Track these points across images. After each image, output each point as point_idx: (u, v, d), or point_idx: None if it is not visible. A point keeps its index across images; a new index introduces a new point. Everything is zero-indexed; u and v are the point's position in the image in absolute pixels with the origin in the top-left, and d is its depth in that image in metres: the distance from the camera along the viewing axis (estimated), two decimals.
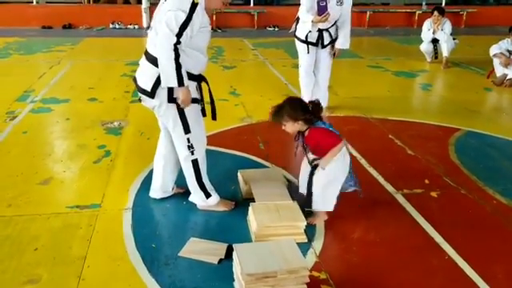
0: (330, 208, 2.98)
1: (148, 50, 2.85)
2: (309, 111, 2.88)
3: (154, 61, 2.76)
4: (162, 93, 2.80)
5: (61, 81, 6.47)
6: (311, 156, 3.00)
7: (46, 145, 4.35)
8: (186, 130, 2.90)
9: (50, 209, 3.17)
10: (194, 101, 2.89)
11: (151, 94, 2.83)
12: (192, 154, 2.96)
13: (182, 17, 2.63)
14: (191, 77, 2.81)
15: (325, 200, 2.97)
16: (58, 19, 11.30)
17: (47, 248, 2.74)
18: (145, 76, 2.86)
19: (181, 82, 2.70)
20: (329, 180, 2.93)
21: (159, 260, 2.64)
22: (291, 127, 2.91)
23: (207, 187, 3.10)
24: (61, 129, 4.71)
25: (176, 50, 2.64)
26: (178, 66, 2.66)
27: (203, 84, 2.98)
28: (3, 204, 3.21)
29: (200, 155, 3.00)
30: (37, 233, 2.88)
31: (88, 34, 10.53)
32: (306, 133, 2.93)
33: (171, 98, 2.80)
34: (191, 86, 2.82)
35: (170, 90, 2.78)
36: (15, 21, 11.11)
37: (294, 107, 2.88)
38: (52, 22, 11.26)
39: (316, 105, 2.92)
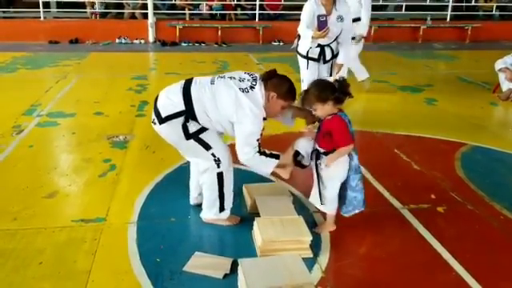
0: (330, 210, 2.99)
1: (192, 91, 2.85)
2: (337, 90, 2.75)
3: (188, 102, 2.81)
4: (175, 124, 2.85)
5: (67, 95, 6.50)
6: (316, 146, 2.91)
7: (52, 158, 4.36)
8: (207, 147, 2.92)
9: (54, 222, 3.17)
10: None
11: (161, 121, 2.87)
12: (218, 166, 2.96)
13: (258, 130, 2.78)
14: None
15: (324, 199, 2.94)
16: (65, 34, 11.38)
17: (52, 262, 2.73)
18: (168, 99, 2.89)
19: (276, 158, 2.88)
20: (327, 179, 2.89)
21: (164, 274, 2.63)
22: (321, 110, 2.79)
23: (225, 202, 3.08)
24: (66, 142, 4.72)
25: (259, 150, 2.83)
26: (266, 156, 2.86)
27: None
28: (8, 217, 3.21)
29: (225, 168, 2.98)
30: (42, 246, 2.88)
31: (94, 49, 10.60)
32: (329, 117, 2.81)
33: (188, 135, 2.87)
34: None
35: (185, 128, 2.84)
36: (23, 36, 11.20)
37: (322, 88, 2.77)
38: (59, 36, 11.35)
39: (341, 82, 2.79)
